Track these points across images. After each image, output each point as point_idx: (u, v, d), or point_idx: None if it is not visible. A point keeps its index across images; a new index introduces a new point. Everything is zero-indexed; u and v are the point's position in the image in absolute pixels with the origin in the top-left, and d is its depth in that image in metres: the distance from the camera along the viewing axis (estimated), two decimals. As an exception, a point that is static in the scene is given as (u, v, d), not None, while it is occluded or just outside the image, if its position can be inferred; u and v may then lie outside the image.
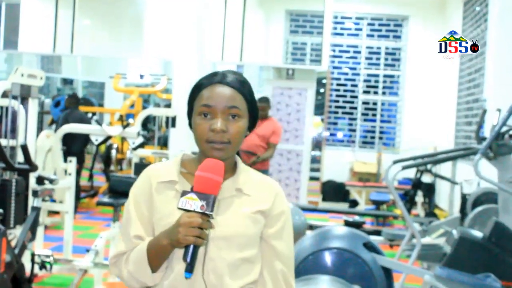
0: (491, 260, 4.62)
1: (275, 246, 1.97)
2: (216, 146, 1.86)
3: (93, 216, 9.50)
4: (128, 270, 1.87)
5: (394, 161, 5.68)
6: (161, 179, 1.93)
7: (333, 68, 13.72)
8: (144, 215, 1.92)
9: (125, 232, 1.93)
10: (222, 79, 1.92)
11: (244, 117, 1.92)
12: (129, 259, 1.88)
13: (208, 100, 1.89)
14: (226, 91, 1.90)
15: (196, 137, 1.91)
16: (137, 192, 1.95)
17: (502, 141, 5.21)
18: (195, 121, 1.91)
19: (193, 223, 1.72)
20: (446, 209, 9.99)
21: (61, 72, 13.62)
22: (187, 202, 1.75)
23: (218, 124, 1.86)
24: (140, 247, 1.86)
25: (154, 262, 1.84)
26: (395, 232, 7.27)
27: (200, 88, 1.93)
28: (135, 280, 1.88)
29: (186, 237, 1.73)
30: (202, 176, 1.78)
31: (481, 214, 6.25)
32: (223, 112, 1.88)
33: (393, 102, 13.92)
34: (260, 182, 2.00)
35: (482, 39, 9.75)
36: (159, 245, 1.81)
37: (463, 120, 10.98)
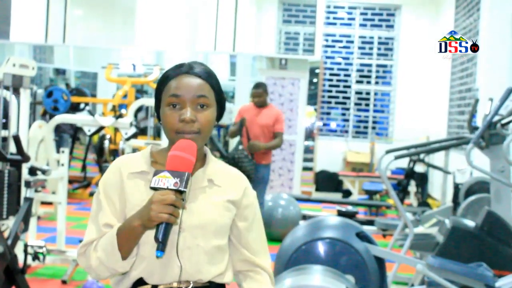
0: (484, 249, 4.62)
1: (248, 239, 2.03)
2: (186, 136, 1.87)
3: (86, 207, 9.46)
4: (98, 256, 1.84)
5: (386, 150, 5.67)
6: (132, 169, 1.94)
7: (326, 57, 13.71)
8: (115, 204, 1.92)
9: (94, 221, 1.92)
10: (189, 69, 1.93)
11: (212, 106, 1.93)
12: (98, 245, 1.85)
13: (176, 90, 1.89)
14: (194, 81, 1.91)
15: (165, 128, 1.92)
16: (107, 182, 1.95)
17: (494, 130, 5.20)
18: (163, 112, 1.91)
19: (167, 200, 1.71)
20: (438, 199, 10.01)
21: (53, 62, 13.57)
22: (160, 181, 1.74)
23: (188, 114, 1.87)
24: (110, 233, 1.84)
25: (124, 247, 1.81)
26: (388, 222, 7.28)
27: (167, 79, 1.94)
28: (105, 267, 1.85)
29: (159, 214, 1.71)
30: (175, 155, 1.79)
31: (473, 203, 6.25)
32: (191, 101, 1.89)
33: (386, 92, 13.93)
34: (229, 174, 2.03)
35: (474, 28, 9.75)
36: (130, 227, 1.79)
37: (455, 109, 10.99)
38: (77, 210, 9.09)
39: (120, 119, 6.49)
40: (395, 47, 13.69)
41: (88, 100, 11.12)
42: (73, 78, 13.61)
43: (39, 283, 5.50)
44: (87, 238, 1.89)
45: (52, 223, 6.92)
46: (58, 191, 6.14)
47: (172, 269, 1.87)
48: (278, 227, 7.36)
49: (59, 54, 13.63)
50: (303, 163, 11.61)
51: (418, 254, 6.07)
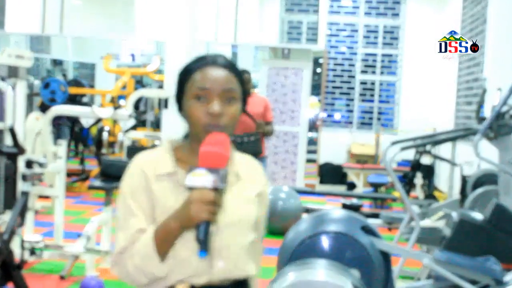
0: (492, 243, 4.59)
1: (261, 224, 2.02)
2: (213, 130, 1.80)
3: (85, 200, 9.44)
4: (134, 263, 1.78)
5: (392, 142, 5.61)
6: (158, 171, 1.87)
7: (329, 47, 13.63)
8: (145, 209, 1.85)
9: (125, 227, 1.84)
10: (214, 61, 1.88)
11: (239, 100, 1.88)
12: (134, 252, 1.79)
13: (203, 82, 1.84)
14: (221, 73, 1.86)
15: (191, 122, 1.86)
16: (133, 184, 1.87)
17: (503, 121, 5.18)
18: (188, 106, 1.85)
19: (206, 198, 1.66)
20: (445, 191, 9.96)
21: (50, 53, 13.53)
22: (196, 179, 1.68)
23: (216, 107, 1.81)
24: (145, 237, 1.79)
25: (162, 250, 1.77)
26: (394, 215, 7.24)
27: (191, 71, 1.88)
28: (143, 273, 1.79)
29: (199, 213, 1.67)
30: (208, 151, 1.71)
31: (481, 196, 6.24)
32: (219, 95, 1.83)
33: (392, 82, 13.83)
34: (249, 165, 2.00)
35: (482, 17, 9.66)
36: (168, 230, 1.75)
37: (463, 100, 10.91)
38: (75, 204, 9.05)
39: (118, 110, 6.42)
40: (400, 36, 13.59)
41: (86, 91, 11.07)
42: (71, 69, 13.58)
43: (36, 278, 5.43)
44: (120, 245, 1.83)
45: (50, 217, 6.86)
46: (56, 185, 6.09)
47: (210, 268, 1.82)
48: (278, 220, 7.28)
49: (56, 44, 13.60)
50: (307, 155, 11.57)
51: (424, 248, 6.04)
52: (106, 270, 5.80)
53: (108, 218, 6.00)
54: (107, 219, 5.99)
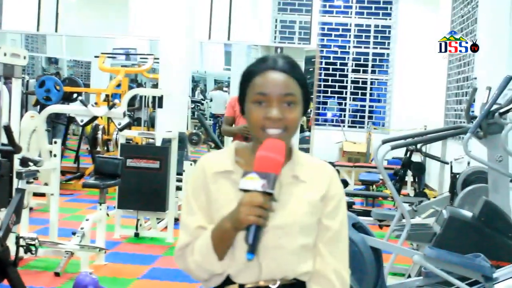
0: (481, 240, 4.60)
1: (326, 228, 1.92)
2: (272, 133, 1.84)
3: (79, 198, 9.45)
4: (195, 260, 1.86)
5: (383, 140, 5.62)
6: (216, 169, 1.91)
7: (322, 46, 13.65)
8: (204, 206, 1.91)
9: (187, 223, 1.92)
10: (274, 64, 1.88)
11: (299, 103, 1.88)
12: (194, 249, 1.86)
13: (263, 88, 1.85)
14: (280, 78, 1.86)
15: (250, 124, 1.89)
16: (195, 183, 1.94)
17: (492, 119, 5.18)
18: (249, 109, 1.88)
19: (254, 201, 1.69)
20: (436, 189, 10.00)
21: (46, 52, 13.50)
22: (248, 182, 1.72)
23: (274, 112, 1.83)
24: (204, 235, 1.85)
25: (219, 248, 1.82)
26: (385, 212, 7.26)
27: (252, 74, 1.89)
28: (203, 269, 1.87)
29: (248, 216, 1.70)
30: (263, 156, 1.76)
31: (471, 193, 6.22)
32: (278, 99, 1.84)
33: (383, 81, 13.88)
34: (315, 167, 1.97)
35: (472, 17, 9.71)
36: (222, 229, 1.80)
37: (453, 98, 10.96)
38: (70, 202, 9.07)
39: (113, 109, 6.43)
40: (392, 36, 13.63)
41: (81, 90, 11.07)
42: (66, 68, 13.55)
43: (31, 275, 5.45)
44: (182, 241, 1.90)
45: (45, 215, 6.88)
46: (51, 182, 6.10)
47: (258, 268, 1.85)
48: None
49: (51, 43, 13.57)
50: (299, 153, 11.55)
51: (415, 245, 6.04)
52: (100, 267, 5.84)
53: (102, 216, 6.02)
54: (102, 216, 6.02)
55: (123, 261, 6.19)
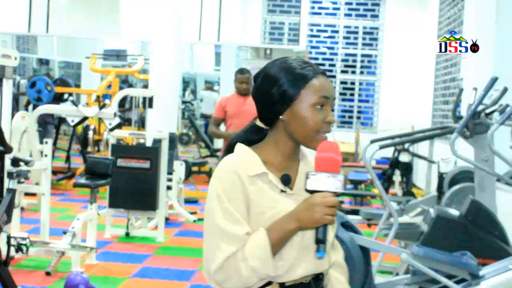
0: (468, 238, 4.64)
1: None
2: (324, 136, 1.91)
3: (70, 198, 9.45)
4: (251, 265, 1.79)
5: (371, 140, 5.67)
6: (251, 172, 1.89)
7: (311, 47, 13.70)
8: (243, 211, 1.86)
9: (230, 231, 1.82)
10: (319, 69, 1.94)
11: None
12: (247, 255, 1.80)
13: (325, 91, 1.90)
14: (330, 84, 1.94)
15: (303, 127, 1.89)
16: (230, 188, 1.86)
17: (479, 119, 5.22)
18: (307, 111, 1.89)
19: (330, 202, 1.73)
20: (423, 188, 10.04)
21: (37, 53, 13.49)
22: (320, 183, 1.75)
23: (332, 117, 1.91)
24: (258, 240, 1.81)
25: (275, 250, 1.81)
26: (373, 211, 7.29)
27: (307, 78, 1.90)
28: (258, 275, 1.81)
29: (325, 216, 1.73)
30: (327, 157, 1.80)
31: (457, 192, 6.26)
32: (331, 104, 1.93)
33: (371, 82, 13.95)
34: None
35: (459, 18, 9.77)
36: (285, 231, 1.80)
37: (440, 99, 11.02)
38: (61, 201, 9.07)
39: (104, 109, 6.46)
40: (380, 37, 13.70)
41: (72, 91, 11.07)
42: (57, 69, 13.54)
43: (22, 275, 5.47)
44: (228, 251, 1.80)
45: (36, 215, 6.90)
46: (42, 182, 6.12)
47: (301, 266, 1.88)
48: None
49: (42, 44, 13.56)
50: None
51: (403, 243, 6.09)
52: (91, 266, 5.87)
53: (93, 215, 6.05)
54: (92, 216, 6.04)
55: (114, 260, 6.21)
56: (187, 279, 5.66)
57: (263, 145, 1.98)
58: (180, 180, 8.24)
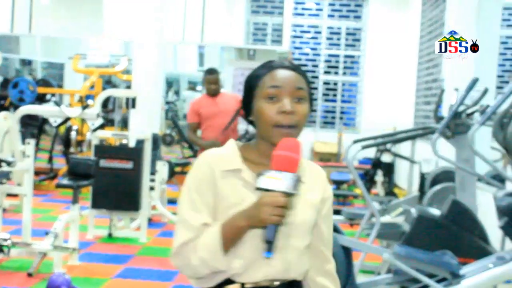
0: (449, 238, 4.69)
1: (323, 230, 2.00)
2: (284, 131, 1.84)
3: (53, 198, 9.41)
4: (200, 256, 1.81)
5: (354, 140, 5.71)
6: (225, 167, 1.89)
7: (294, 48, 13.73)
8: (209, 203, 1.88)
9: (190, 219, 1.86)
10: (281, 64, 1.91)
11: (307, 101, 1.90)
12: (198, 245, 1.82)
13: (275, 81, 1.86)
14: (291, 74, 1.88)
15: (261, 122, 1.88)
16: (199, 178, 1.89)
17: (460, 120, 5.27)
18: (260, 106, 1.87)
19: (277, 202, 1.69)
20: (405, 188, 10.10)
21: (19, 53, 13.41)
22: (268, 182, 1.71)
23: (288, 105, 1.83)
24: (211, 232, 1.82)
25: (227, 246, 1.80)
26: (355, 211, 7.31)
27: (261, 74, 1.90)
28: (207, 266, 1.83)
29: (271, 216, 1.70)
30: (282, 155, 1.75)
31: (439, 192, 6.31)
32: (290, 93, 1.85)
33: (354, 83, 14.00)
34: (311, 169, 2.00)
35: (440, 20, 9.84)
36: (236, 227, 1.79)
37: (422, 100, 11.09)
38: (43, 202, 9.03)
39: (86, 110, 6.44)
40: (362, 38, 13.75)
41: (54, 91, 11.03)
42: (40, 69, 13.48)
43: (4, 276, 5.46)
44: (183, 238, 1.85)
45: (18, 215, 6.85)
46: (24, 183, 6.09)
47: (263, 268, 1.85)
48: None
49: (25, 44, 13.49)
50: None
51: (384, 243, 6.12)
52: (73, 267, 5.85)
53: (75, 216, 6.02)
54: (75, 217, 6.02)
55: (97, 261, 6.20)
56: (169, 279, 5.66)
57: (251, 144, 1.98)
58: (163, 180, 8.23)
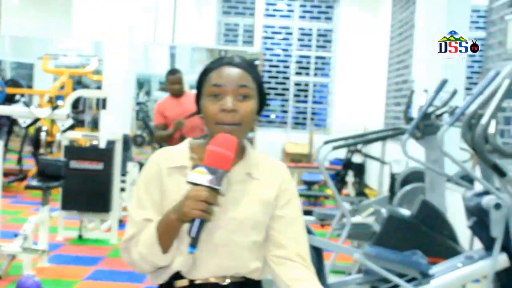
0: (418, 238, 4.72)
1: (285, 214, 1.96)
2: (226, 128, 1.85)
3: (22, 200, 9.32)
4: (139, 251, 1.85)
5: (324, 141, 5.73)
6: (172, 164, 1.92)
7: (265, 49, 13.75)
8: (155, 199, 1.91)
9: (134, 215, 1.92)
10: (230, 60, 1.93)
11: (253, 98, 1.92)
12: (139, 240, 1.86)
13: (218, 79, 1.88)
14: (236, 71, 1.90)
15: (206, 119, 1.90)
16: (147, 177, 1.94)
17: (429, 121, 5.33)
18: (204, 104, 1.90)
19: (200, 196, 1.71)
20: (375, 189, 10.15)
21: (-12, 53, 13.26)
22: (196, 176, 1.73)
23: (229, 103, 1.85)
24: (150, 227, 1.85)
25: (164, 241, 1.82)
26: (326, 212, 7.33)
27: (208, 71, 1.92)
28: (146, 261, 1.86)
29: (192, 210, 1.71)
30: (213, 151, 1.77)
31: (409, 193, 6.36)
32: (233, 91, 1.87)
33: (325, 84, 14.06)
34: (269, 166, 2.00)
35: (410, 21, 9.92)
36: (168, 221, 1.80)
37: (392, 100, 11.17)
38: (12, 204, 8.93)
39: (56, 110, 6.38)
40: (333, 39, 13.82)
41: (23, 92, 10.91)
42: (9, 69, 13.33)
43: (-27, 278, 5.38)
44: (128, 233, 1.90)
45: (-13, 217, 6.78)
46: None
47: (209, 264, 1.86)
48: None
49: (-6, 44, 13.33)
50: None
51: (355, 243, 6.15)
52: (43, 269, 5.80)
53: (45, 218, 5.97)
54: (44, 218, 5.97)
55: (67, 263, 6.15)
56: (140, 281, 5.63)
57: (204, 142, 1.97)
58: (134, 181, 8.20)
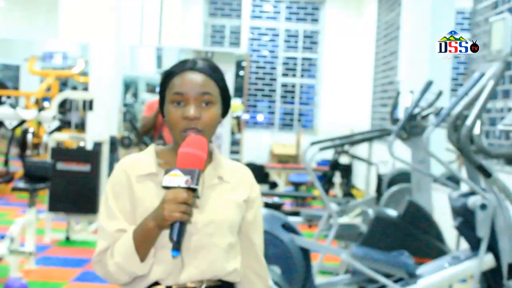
0: (405, 238, 4.76)
1: (252, 238, 2.01)
2: (190, 134, 1.83)
3: (9, 202, 9.29)
4: (116, 262, 1.81)
5: (311, 142, 5.75)
6: (140, 172, 1.90)
7: (252, 51, 13.77)
8: (126, 209, 1.88)
9: (106, 227, 1.87)
10: (193, 65, 1.90)
11: (216, 103, 1.90)
12: (115, 251, 1.82)
13: (180, 87, 1.86)
14: (198, 78, 1.87)
15: (169, 126, 1.89)
16: (116, 186, 1.90)
17: (415, 122, 5.36)
18: (167, 110, 1.88)
19: (178, 198, 1.69)
20: (362, 189, 10.20)
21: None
22: (171, 179, 1.71)
23: (191, 111, 1.84)
24: (125, 237, 1.82)
25: (141, 249, 1.79)
26: (314, 212, 7.36)
27: (171, 76, 1.90)
28: (124, 271, 1.82)
29: (172, 213, 1.69)
30: (185, 152, 1.76)
31: (395, 193, 6.39)
32: (195, 99, 1.85)
33: (311, 85, 14.10)
34: (235, 169, 2.01)
35: (396, 23, 9.97)
36: (146, 229, 1.77)
37: (378, 102, 11.21)
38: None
39: (42, 112, 6.38)
40: (320, 41, 13.85)
41: (10, 93, 10.87)
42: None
43: (-41, 281, 5.36)
44: (101, 246, 1.85)
45: (-27, 220, 6.76)
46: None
47: (186, 269, 1.85)
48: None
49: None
50: (230, 155, 11.63)
51: (343, 244, 6.17)
52: (30, 271, 5.78)
53: (32, 220, 5.95)
54: (31, 220, 5.95)
55: (54, 265, 6.14)
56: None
57: (169, 147, 1.98)
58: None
